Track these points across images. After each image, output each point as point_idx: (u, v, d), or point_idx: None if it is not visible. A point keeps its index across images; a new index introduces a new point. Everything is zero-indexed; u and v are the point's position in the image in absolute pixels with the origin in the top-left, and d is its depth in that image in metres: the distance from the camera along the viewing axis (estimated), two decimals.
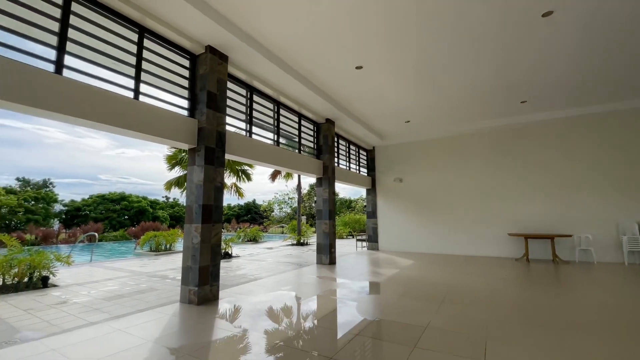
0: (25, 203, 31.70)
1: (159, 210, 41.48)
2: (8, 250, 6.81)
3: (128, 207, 38.01)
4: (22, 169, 77.15)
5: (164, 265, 9.82)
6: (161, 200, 45.77)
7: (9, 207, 29.11)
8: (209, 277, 5.14)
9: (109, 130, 4.41)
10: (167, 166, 11.24)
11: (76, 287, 6.70)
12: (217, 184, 5.40)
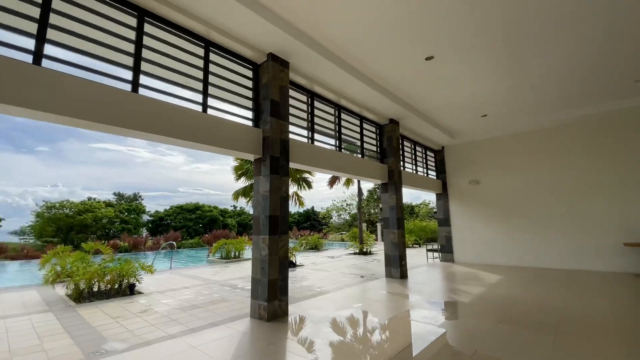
0: (120, 214, 36.44)
1: (228, 219, 44.33)
2: (102, 259, 7.55)
3: (202, 216, 41.31)
4: (118, 185, 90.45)
5: (233, 273, 10.09)
6: (230, 209, 49.10)
7: (108, 218, 33.67)
8: (277, 291, 4.90)
9: (180, 145, 4.48)
10: (234, 177, 11.74)
11: (158, 294, 7.10)
12: (283, 193, 5.18)
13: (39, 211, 29.67)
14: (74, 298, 6.61)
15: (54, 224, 29.27)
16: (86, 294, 6.73)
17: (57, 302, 6.50)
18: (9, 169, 70.55)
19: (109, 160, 69.97)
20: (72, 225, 29.70)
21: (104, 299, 6.64)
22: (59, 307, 6.04)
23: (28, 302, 6.51)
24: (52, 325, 4.88)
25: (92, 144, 69.54)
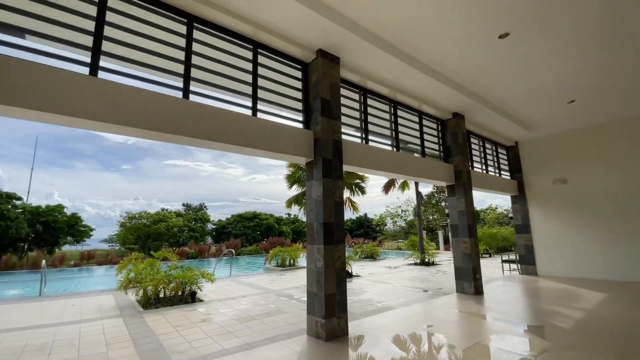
0: (188, 223, 39.45)
1: (283, 226, 45.34)
2: (167, 266, 7.89)
3: (259, 224, 42.85)
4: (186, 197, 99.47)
5: (289, 282, 9.89)
6: (284, 217, 50.36)
7: (178, 227, 36.64)
8: (335, 307, 4.42)
9: (231, 150, 4.33)
10: (287, 185, 11.71)
11: (217, 303, 7.13)
12: (337, 198, 4.73)
13: (122, 221, 33.60)
14: (142, 304, 6.95)
15: (134, 232, 32.75)
16: (153, 300, 7.03)
17: (128, 307, 6.87)
18: (100, 185, 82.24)
19: (179, 175, 77.50)
20: (149, 233, 32.88)
21: (168, 306, 6.85)
22: (128, 313, 6.34)
23: (104, 306, 7.00)
24: (120, 332, 5.05)
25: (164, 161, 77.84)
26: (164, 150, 75.92)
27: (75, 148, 73.27)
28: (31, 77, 2.90)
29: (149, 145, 73.25)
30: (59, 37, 3.22)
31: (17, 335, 4.90)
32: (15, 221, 23.10)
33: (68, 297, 8.16)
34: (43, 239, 29.49)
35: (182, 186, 79.35)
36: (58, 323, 5.60)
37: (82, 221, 32.62)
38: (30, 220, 26.56)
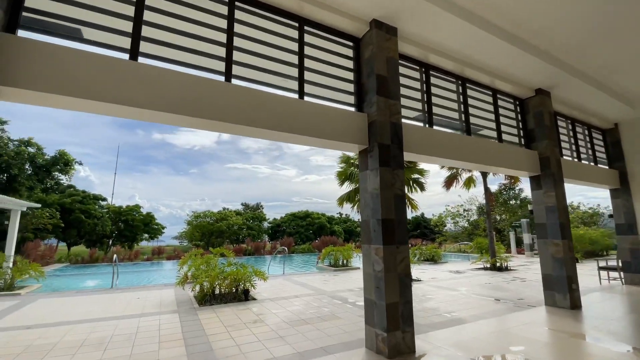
0: (246, 222, 41.27)
1: (335, 225, 45.06)
2: (223, 263, 7.90)
3: (311, 223, 43.12)
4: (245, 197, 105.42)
5: (343, 283, 9.34)
6: (336, 216, 50.10)
7: (238, 225, 38.49)
8: (399, 319, 3.74)
9: (275, 138, 3.92)
10: (338, 182, 11.20)
11: (269, 302, 6.89)
12: (397, 191, 4.04)
13: (189, 220, 36.44)
14: (198, 300, 7.00)
15: (199, 230, 35.21)
16: (208, 297, 7.05)
17: (185, 302, 6.97)
18: (172, 187, 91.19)
19: (239, 177, 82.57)
20: (212, 231, 35.06)
21: (222, 303, 6.79)
22: (185, 309, 6.39)
23: (164, 300, 7.20)
24: (174, 330, 4.99)
25: (226, 164, 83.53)
26: (226, 154, 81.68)
27: (150, 155, 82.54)
28: (76, 65, 2.78)
29: (212, 151, 79.44)
30: (98, 24, 3.10)
31: (83, 327, 5.13)
32: (101, 219, 26.29)
33: (135, 290, 8.68)
34: (124, 236, 33.29)
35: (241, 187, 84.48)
36: (121, 316, 5.81)
37: (155, 219, 36.14)
38: (113, 219, 30.14)
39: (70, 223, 23.17)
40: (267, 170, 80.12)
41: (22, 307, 6.53)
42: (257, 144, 78.37)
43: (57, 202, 20.73)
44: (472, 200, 34.22)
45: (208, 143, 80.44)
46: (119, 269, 14.82)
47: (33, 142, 17.37)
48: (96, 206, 27.08)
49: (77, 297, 7.63)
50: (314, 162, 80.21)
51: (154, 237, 37.70)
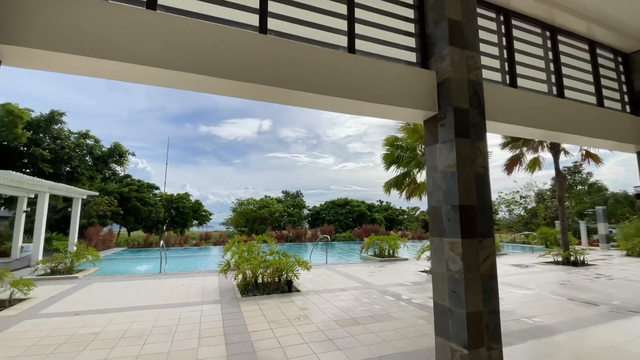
0: (287, 209, 41.79)
1: (375, 213, 43.99)
2: (264, 252, 7.53)
3: (351, 211, 42.48)
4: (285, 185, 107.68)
5: (392, 276, 8.55)
6: (376, 204, 48.85)
7: (279, 212, 39.09)
8: (483, 333, 2.91)
9: (317, 105, 3.22)
10: (383, 167, 10.28)
11: (314, 295, 6.37)
12: (479, 169, 3.13)
13: (233, 207, 37.76)
14: (241, 289, 6.71)
15: (244, 217, 36.35)
16: (251, 286, 6.73)
17: (227, 291, 6.72)
18: (219, 177, 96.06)
19: (279, 166, 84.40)
20: (255, 217, 36.01)
21: (264, 294, 6.42)
22: (227, 299, 6.10)
23: (207, 288, 7.03)
24: (215, 323, 4.65)
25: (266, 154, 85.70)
26: (266, 144, 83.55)
27: (198, 147, 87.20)
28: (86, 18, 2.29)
29: (254, 141, 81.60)
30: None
31: (126, 316, 5.00)
32: (155, 207, 28.05)
33: (181, 276, 8.71)
34: (176, 222, 35.46)
35: (281, 176, 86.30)
36: (164, 305, 5.66)
37: (203, 207, 37.98)
38: (166, 206, 32.12)
39: (129, 210, 24.98)
40: (306, 158, 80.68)
41: (76, 291, 6.73)
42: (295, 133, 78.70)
43: (116, 191, 22.35)
44: (529, 186, 30.98)
45: (250, 134, 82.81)
46: (167, 254, 15.56)
47: (91, 135, 18.63)
48: (150, 194, 28.95)
49: (127, 282, 7.79)
50: (352, 149, 78.81)
51: (203, 223, 39.77)
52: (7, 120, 13.76)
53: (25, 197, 12.59)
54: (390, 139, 10.15)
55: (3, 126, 13.73)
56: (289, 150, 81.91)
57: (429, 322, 4.68)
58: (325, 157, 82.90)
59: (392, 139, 10.15)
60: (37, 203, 10.37)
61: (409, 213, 49.31)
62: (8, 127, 13.63)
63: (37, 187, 9.93)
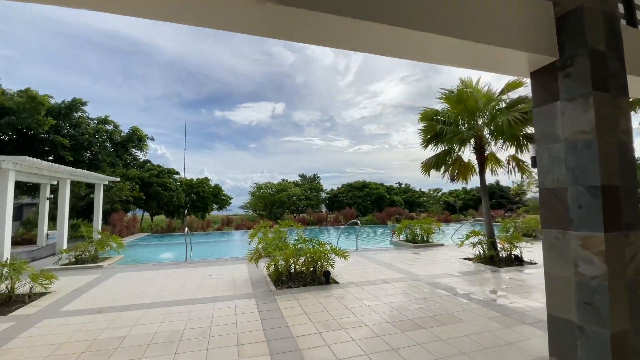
0: (305, 193, 41.35)
1: (394, 196, 43.04)
2: (296, 239, 6.90)
3: (369, 194, 41.65)
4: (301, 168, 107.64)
5: (433, 265, 7.79)
6: (395, 186, 47.72)
7: (297, 196, 38.71)
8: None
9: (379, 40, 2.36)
10: (421, 144, 9.30)
11: (355, 288, 5.71)
12: (622, 135, 2.25)
13: (252, 191, 37.68)
14: (274, 280, 6.15)
15: (262, 200, 36.24)
16: (285, 277, 6.14)
17: (260, 283, 6.16)
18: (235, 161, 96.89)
19: (294, 150, 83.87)
20: (273, 201, 35.82)
21: (300, 286, 5.81)
22: (261, 292, 5.53)
23: (237, 279, 6.50)
24: (253, 323, 4.06)
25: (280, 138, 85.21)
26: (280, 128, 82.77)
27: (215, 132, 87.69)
28: None
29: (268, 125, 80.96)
30: None
31: (154, 313, 4.49)
32: (176, 192, 28.13)
33: (208, 264, 8.26)
34: (196, 206, 35.74)
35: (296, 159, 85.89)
36: (194, 299, 5.13)
37: (222, 191, 38.11)
38: (186, 191, 32.30)
39: (150, 195, 25.13)
40: (320, 142, 79.62)
41: (100, 283, 6.35)
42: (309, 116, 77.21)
43: (137, 177, 22.37)
44: None
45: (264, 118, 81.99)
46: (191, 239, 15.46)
47: (110, 120, 18.38)
48: (170, 179, 29.05)
49: (153, 271, 7.40)
50: (367, 131, 76.68)
51: (223, 207, 40.09)
52: (29, 107, 13.57)
53: (48, 184, 12.45)
54: (429, 113, 9.12)
55: (25, 112, 13.55)
56: (303, 134, 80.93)
57: (506, 326, 3.92)
58: (340, 139, 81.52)
59: (430, 112, 9.11)
60: (59, 190, 10.11)
61: (429, 195, 47.99)
62: (31, 113, 13.44)
63: (57, 173, 9.62)
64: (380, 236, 17.09)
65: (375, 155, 79.46)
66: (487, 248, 8.26)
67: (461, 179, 8.80)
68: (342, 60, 67.03)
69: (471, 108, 8.42)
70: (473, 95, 8.24)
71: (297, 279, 6.13)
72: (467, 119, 8.72)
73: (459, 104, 8.47)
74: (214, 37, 56.04)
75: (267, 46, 60.35)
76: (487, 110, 8.41)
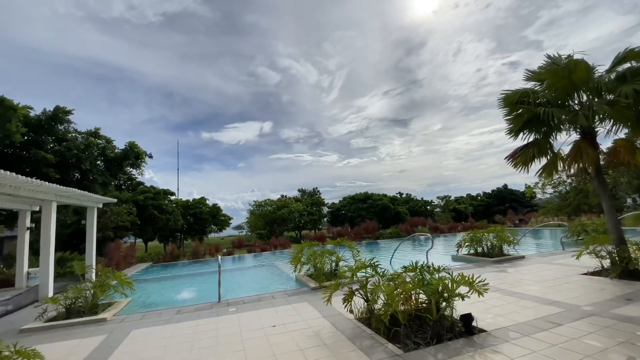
0: (307, 208, 39.07)
1: (398, 206, 41.32)
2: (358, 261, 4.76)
3: (373, 205, 39.79)
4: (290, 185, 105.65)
5: (562, 286, 5.74)
6: (398, 196, 46.07)
7: (298, 212, 36.43)
8: None
9: None
10: (508, 135, 7.41)
11: (522, 340, 3.61)
12: None
13: (251, 209, 35.19)
14: (382, 331, 4.00)
15: (263, 219, 33.80)
16: (384, 327, 3.99)
17: (360, 336, 4.01)
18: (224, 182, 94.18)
19: (283, 167, 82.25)
20: (274, 218, 33.42)
21: (434, 344, 3.67)
22: (379, 358, 3.37)
23: (317, 330, 4.30)
24: None
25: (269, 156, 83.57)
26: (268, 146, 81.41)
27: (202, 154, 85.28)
28: None
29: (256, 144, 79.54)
30: None
31: None
32: (172, 214, 25.48)
33: (251, 306, 5.98)
34: (194, 229, 32.91)
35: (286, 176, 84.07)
36: None
37: (221, 211, 35.46)
38: (183, 213, 29.62)
39: (145, 220, 22.50)
40: (309, 157, 78.50)
41: (111, 356, 4.04)
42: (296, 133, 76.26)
43: (131, 199, 19.84)
44: None
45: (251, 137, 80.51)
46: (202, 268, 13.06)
47: (101, 135, 15.99)
48: (166, 201, 26.46)
49: (183, 323, 5.11)
50: (355, 145, 76.03)
51: (222, 229, 37.32)
52: None
53: (28, 210, 10.00)
54: (516, 94, 7.29)
55: None
56: (292, 151, 79.73)
57: None
58: (329, 154, 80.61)
59: (518, 94, 7.29)
60: (42, 215, 7.74)
61: (431, 203, 46.40)
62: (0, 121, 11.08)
63: (39, 193, 7.32)
64: (418, 248, 14.95)
65: (364, 169, 78.66)
66: (618, 258, 6.33)
67: (578, 172, 6.91)
68: (326, 78, 67.05)
69: (579, 81, 6.66)
70: (583, 64, 6.51)
71: (416, 328, 3.99)
72: (571, 95, 6.95)
73: (562, 78, 6.70)
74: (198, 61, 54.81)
75: (252, 67, 59.74)
76: (598, 83, 6.65)
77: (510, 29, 54.04)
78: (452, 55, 61.43)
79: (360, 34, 55.15)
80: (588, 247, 6.65)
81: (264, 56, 58.87)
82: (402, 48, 59.89)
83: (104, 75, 49.20)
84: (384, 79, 67.50)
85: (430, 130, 76.88)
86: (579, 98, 7.00)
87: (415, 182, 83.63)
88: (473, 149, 74.17)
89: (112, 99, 54.93)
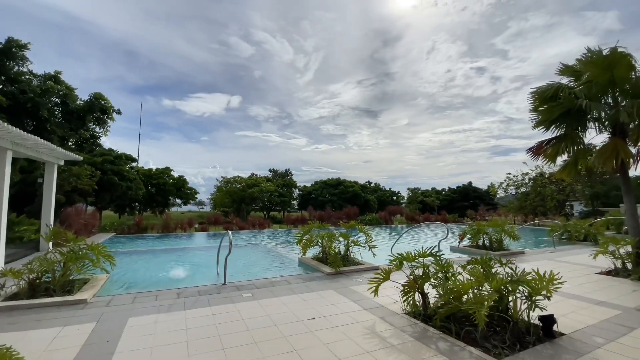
0: (278, 189, 38.02)
1: (368, 195, 42.05)
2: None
3: (344, 192, 39.99)
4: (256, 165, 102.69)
5: (585, 286, 5.66)
6: (367, 185, 46.73)
7: (270, 192, 35.33)
8: None
9: None
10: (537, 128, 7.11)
11: (612, 346, 3.26)
12: None
13: (218, 185, 33.29)
14: (454, 332, 3.43)
15: (230, 196, 32.19)
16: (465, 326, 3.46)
17: (425, 335, 3.39)
18: (184, 154, 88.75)
19: (249, 145, 79.21)
20: (243, 197, 32.00)
21: (509, 345, 3.19)
22: None
23: (373, 328, 3.62)
24: None
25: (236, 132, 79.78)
26: (235, 122, 77.40)
27: (162, 122, 78.79)
28: None
29: (222, 118, 75.01)
30: None
31: None
32: (134, 182, 23.09)
33: (265, 291, 5.15)
34: (155, 200, 30.42)
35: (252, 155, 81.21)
36: None
37: (187, 183, 33.08)
38: (145, 182, 27.07)
39: (103, 185, 20.03)
40: (278, 138, 76.25)
41: (110, 355, 3.03)
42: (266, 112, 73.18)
43: (88, 161, 17.37)
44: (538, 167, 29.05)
45: (217, 110, 75.87)
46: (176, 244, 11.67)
47: (62, 81, 13.39)
48: (127, 167, 23.86)
49: (192, 313, 4.15)
50: (325, 131, 75.04)
51: (186, 203, 35.01)
52: None
53: None
54: (551, 89, 6.97)
55: None
56: (260, 129, 76.79)
57: None
58: (298, 137, 79.06)
59: (549, 89, 6.97)
60: None
61: (397, 194, 47.71)
62: None
63: None
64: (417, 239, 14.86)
65: (331, 155, 78.60)
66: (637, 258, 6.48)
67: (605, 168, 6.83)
68: (302, 58, 64.36)
69: (619, 78, 6.49)
70: (627, 59, 6.31)
71: (489, 329, 3.49)
72: (606, 92, 6.80)
73: (604, 71, 6.48)
74: (165, 21, 48.98)
75: (224, 36, 54.89)
76: None
77: (481, 34, 55.57)
78: (426, 52, 61.93)
79: (340, 17, 52.94)
80: (606, 247, 6.68)
81: (238, 26, 54.40)
82: (379, 39, 58.96)
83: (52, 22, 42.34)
84: (359, 68, 66.44)
85: (397, 124, 78.07)
86: (613, 95, 6.88)
87: (377, 172, 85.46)
88: (434, 147, 76.78)
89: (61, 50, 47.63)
